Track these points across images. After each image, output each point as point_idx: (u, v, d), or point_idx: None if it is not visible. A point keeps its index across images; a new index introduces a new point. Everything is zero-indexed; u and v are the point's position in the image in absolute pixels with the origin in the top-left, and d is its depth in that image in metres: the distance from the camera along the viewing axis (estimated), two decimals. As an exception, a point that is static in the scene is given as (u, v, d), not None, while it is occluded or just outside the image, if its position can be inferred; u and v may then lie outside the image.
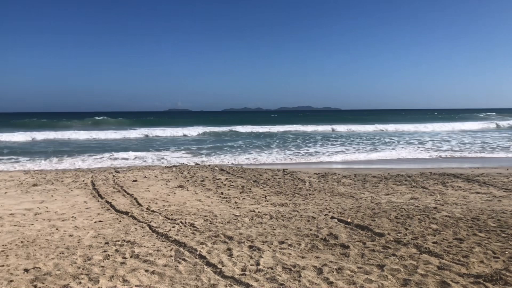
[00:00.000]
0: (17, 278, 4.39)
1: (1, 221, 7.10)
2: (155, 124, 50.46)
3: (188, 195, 9.39)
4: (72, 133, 31.96)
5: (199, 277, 4.38)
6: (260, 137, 31.24)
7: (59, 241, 5.82)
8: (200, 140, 28.54)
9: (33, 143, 26.76)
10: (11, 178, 12.11)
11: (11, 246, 5.62)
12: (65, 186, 10.68)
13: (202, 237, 5.91)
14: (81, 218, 7.24)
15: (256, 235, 5.98)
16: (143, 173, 12.90)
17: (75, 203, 8.57)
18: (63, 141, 27.87)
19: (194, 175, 12.23)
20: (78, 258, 5.04)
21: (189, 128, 38.07)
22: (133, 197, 9.06)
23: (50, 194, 9.61)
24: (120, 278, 4.34)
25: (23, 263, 4.91)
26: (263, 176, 11.90)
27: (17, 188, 10.44)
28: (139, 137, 31.50)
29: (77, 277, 4.39)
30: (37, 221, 7.11)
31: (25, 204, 8.55)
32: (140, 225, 6.68)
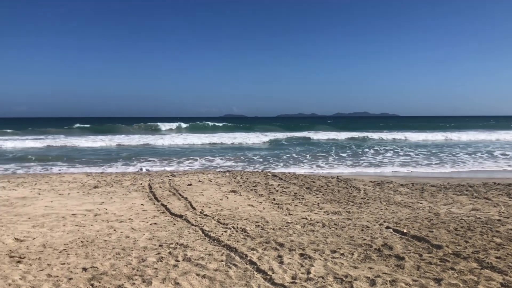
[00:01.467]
0: (76, 276, 4.58)
1: (64, 221, 7.47)
2: (221, 129, 51.87)
3: (240, 200, 9.44)
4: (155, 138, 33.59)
5: (249, 283, 4.37)
6: (318, 143, 30.85)
7: (116, 242, 6.03)
8: (256, 146, 28.71)
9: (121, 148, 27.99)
10: (74, 180, 12.73)
11: (71, 245, 5.88)
12: (124, 188, 11.08)
13: (253, 243, 5.91)
14: (137, 220, 7.47)
15: (307, 243, 5.90)
16: (198, 177, 13.14)
17: (133, 205, 8.86)
18: (151, 147, 28.96)
19: (246, 181, 12.30)
20: (133, 259, 5.19)
21: (248, 135, 38.56)
22: (187, 201, 9.24)
23: (109, 196, 10.01)
24: (172, 280, 4.42)
25: (82, 262, 5.12)
26: (316, 183, 11.76)
27: (79, 189, 10.95)
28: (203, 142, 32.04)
29: (131, 278, 4.51)
30: (96, 222, 7.41)
31: (86, 205, 8.95)
32: (193, 229, 6.78)
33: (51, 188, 11.09)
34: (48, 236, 6.42)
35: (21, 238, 6.29)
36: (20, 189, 10.98)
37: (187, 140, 31.55)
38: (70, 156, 21.42)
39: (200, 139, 31.89)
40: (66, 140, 31.85)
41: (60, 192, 10.56)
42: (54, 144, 28.77)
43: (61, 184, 11.87)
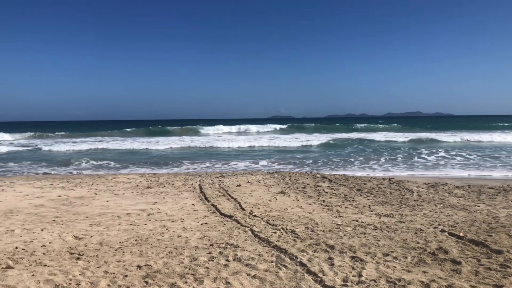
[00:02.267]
0: (131, 274, 4.74)
1: (119, 220, 7.74)
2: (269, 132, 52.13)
3: (289, 201, 9.42)
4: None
5: (299, 284, 4.35)
6: (369, 144, 30.19)
7: (169, 241, 6.18)
8: (304, 148, 28.55)
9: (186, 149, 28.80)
10: (129, 180, 13.17)
11: (126, 244, 6.09)
12: (176, 189, 11.35)
13: (303, 244, 5.87)
14: (189, 220, 7.62)
15: (358, 245, 5.80)
16: (246, 178, 13.23)
17: (184, 205, 9.05)
18: (210, 150, 29.62)
19: (295, 182, 12.26)
20: (185, 258, 5.29)
21: (296, 136, 38.42)
22: (236, 201, 9.33)
23: (162, 196, 10.28)
24: (223, 280, 4.47)
25: (136, 260, 5.28)
26: (367, 185, 11.54)
27: (133, 190, 11.32)
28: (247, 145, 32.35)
29: (183, 277, 4.61)
30: (149, 221, 7.63)
31: (140, 205, 9.23)
32: (243, 229, 6.84)
33: (107, 188, 11.53)
34: (104, 234, 6.67)
35: (80, 236, 6.57)
36: (78, 189, 11.49)
37: (238, 142, 31.80)
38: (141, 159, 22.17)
39: (249, 142, 32.08)
40: (123, 143, 33.01)
41: (115, 192, 10.96)
42: (110, 147, 29.87)
43: (116, 184, 12.32)
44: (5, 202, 9.69)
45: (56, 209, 8.89)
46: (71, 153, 26.02)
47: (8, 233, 6.79)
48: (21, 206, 9.25)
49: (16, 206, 9.19)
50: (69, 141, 37.14)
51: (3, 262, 5.22)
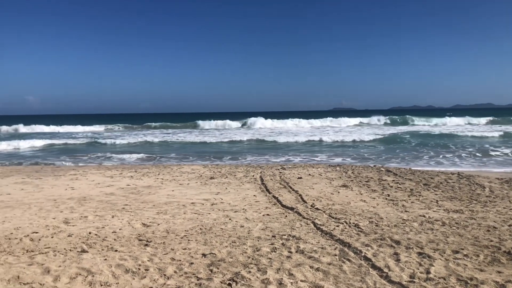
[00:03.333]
0: (197, 262, 4.86)
1: (184, 209, 7.96)
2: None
3: (352, 195, 9.25)
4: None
5: (364, 279, 4.27)
6: (436, 137, 29.00)
7: (232, 231, 6.27)
8: (367, 141, 27.92)
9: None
10: (192, 171, 13.53)
11: (191, 232, 6.25)
12: (237, 180, 11.50)
13: (367, 239, 5.75)
14: (251, 211, 7.70)
15: (426, 241, 5.59)
16: (308, 170, 13.15)
17: (246, 196, 9.15)
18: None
19: (358, 175, 12.02)
20: (248, 248, 5.35)
21: (358, 129, 37.63)
22: (298, 194, 9.30)
23: (224, 186, 10.46)
24: (286, 271, 4.48)
25: (201, 248, 5.41)
26: (435, 179, 11.08)
27: (197, 180, 11.60)
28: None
29: (247, 266, 4.66)
30: (213, 210, 7.79)
31: (203, 194, 9.45)
32: (305, 222, 6.80)
33: (172, 178, 11.91)
34: (170, 222, 6.90)
35: (148, 223, 6.84)
36: (146, 179, 11.95)
37: (297, 137, 31.67)
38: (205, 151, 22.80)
39: (307, 136, 31.83)
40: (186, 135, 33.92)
41: (180, 182, 11.30)
42: (170, 140, 30.80)
43: (181, 174, 12.69)
44: (79, 190, 10.28)
45: (125, 197, 9.30)
46: (142, 144, 27.14)
47: (82, 219, 7.19)
48: (93, 194, 9.77)
49: (88, 194, 9.72)
50: (139, 133, 38.74)
51: (78, 246, 5.54)
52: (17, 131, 46.71)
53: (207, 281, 4.24)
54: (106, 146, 26.21)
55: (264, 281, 4.21)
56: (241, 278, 4.29)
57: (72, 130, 47.96)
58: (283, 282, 4.19)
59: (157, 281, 4.29)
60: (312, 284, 4.15)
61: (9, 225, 6.76)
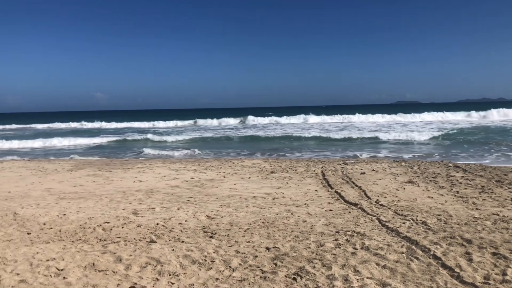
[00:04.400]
0: (261, 255, 4.90)
1: (246, 202, 8.06)
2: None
3: (418, 191, 8.93)
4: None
5: (434, 278, 4.11)
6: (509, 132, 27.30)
7: (294, 225, 6.26)
8: (432, 135, 26.84)
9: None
10: (253, 165, 13.65)
11: (254, 226, 6.31)
12: (298, 174, 11.47)
13: (435, 237, 5.53)
14: (313, 206, 7.65)
15: (501, 241, 5.28)
16: (371, 166, 12.85)
17: (307, 191, 9.10)
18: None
19: (424, 171, 11.58)
20: (312, 243, 5.32)
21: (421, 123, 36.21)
22: (361, 189, 9.12)
23: (285, 181, 10.46)
24: (351, 268, 4.41)
25: (264, 241, 5.45)
26: (508, 176, 10.45)
27: (258, 174, 11.69)
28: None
29: (311, 261, 4.64)
30: (275, 205, 7.81)
31: (265, 188, 9.51)
32: (369, 218, 6.66)
33: (234, 172, 12.08)
34: (233, 215, 7.00)
35: (212, 216, 6.98)
36: (209, 172, 12.21)
37: (360, 132, 31.03)
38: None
39: (371, 133, 31.09)
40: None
41: (241, 176, 11.44)
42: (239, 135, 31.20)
43: (242, 168, 12.84)
44: (146, 182, 10.69)
45: (189, 190, 9.56)
46: (206, 139, 27.79)
47: (149, 210, 7.48)
48: (159, 186, 10.12)
49: (155, 186, 10.08)
50: (212, 126, 39.63)
51: (147, 237, 5.77)
52: (99, 127, 49.00)
53: (272, 274, 4.27)
54: (167, 142, 26.96)
55: (329, 277, 4.17)
56: (305, 273, 4.28)
57: (137, 126, 49.88)
58: (349, 278, 4.13)
59: (222, 272, 4.37)
60: (379, 282, 4.06)
61: (83, 215, 7.16)
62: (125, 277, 4.30)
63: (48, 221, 6.77)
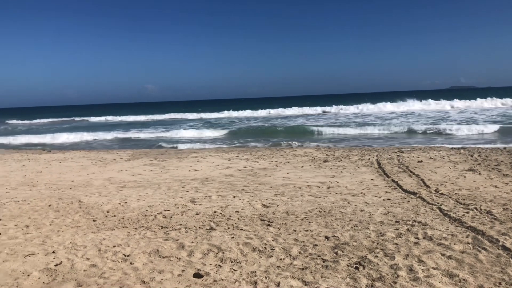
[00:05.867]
0: (320, 244, 4.88)
1: (301, 191, 8.03)
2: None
3: (480, 179, 8.56)
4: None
5: (505, 270, 3.93)
6: None
7: (352, 215, 6.18)
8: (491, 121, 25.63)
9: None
10: (305, 154, 13.57)
11: (311, 214, 6.29)
12: (352, 163, 11.29)
13: (503, 227, 5.28)
14: (369, 195, 7.51)
15: None
16: (428, 153, 12.45)
17: (363, 180, 8.95)
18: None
19: (486, 159, 11.08)
20: (372, 232, 5.23)
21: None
22: (419, 178, 8.86)
23: (339, 170, 10.34)
24: (415, 258, 4.30)
25: (323, 230, 5.41)
26: None
27: (311, 163, 11.62)
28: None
29: (372, 251, 4.56)
30: (330, 194, 7.74)
31: (318, 177, 9.44)
32: (430, 207, 6.46)
33: (286, 161, 12.07)
34: (289, 204, 7.00)
35: (267, 204, 7.02)
36: (261, 161, 12.27)
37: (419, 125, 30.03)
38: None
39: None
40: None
41: (294, 164, 11.41)
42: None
43: (294, 157, 12.81)
44: (200, 171, 10.90)
45: (243, 178, 9.65)
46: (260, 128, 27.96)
47: (206, 199, 7.62)
48: (214, 175, 10.29)
49: (210, 175, 10.26)
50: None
51: (206, 224, 5.89)
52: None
53: (333, 263, 4.24)
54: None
55: (392, 267, 4.09)
56: (368, 262, 4.22)
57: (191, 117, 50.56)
58: (414, 268, 4.03)
59: (283, 260, 4.39)
60: (445, 272, 3.93)
61: (144, 203, 7.40)
62: (188, 263, 4.41)
63: (111, 208, 7.05)
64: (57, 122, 55.09)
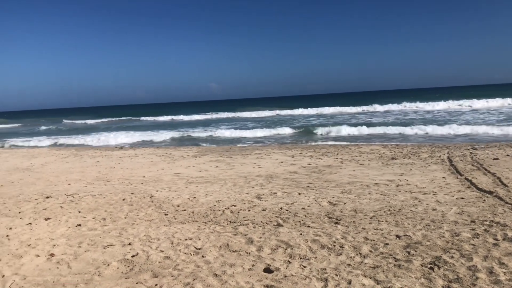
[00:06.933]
0: (391, 243, 4.76)
1: (368, 189, 7.87)
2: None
3: None
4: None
5: None
6: None
7: (423, 214, 5.97)
8: None
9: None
10: (372, 151, 13.27)
11: (380, 213, 6.14)
12: (422, 160, 10.89)
13: None
14: (441, 194, 7.21)
15: None
16: (505, 151, 11.74)
17: (434, 178, 8.61)
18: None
19: None
20: (445, 232, 5.03)
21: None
22: (495, 176, 8.37)
23: (408, 167, 10.01)
24: (495, 260, 4.08)
25: (393, 229, 5.27)
26: None
27: (377, 160, 11.34)
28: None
29: (447, 251, 4.38)
30: (399, 192, 7.52)
31: (386, 175, 9.19)
32: (509, 207, 6.09)
33: (352, 158, 11.87)
34: (356, 202, 6.88)
35: (334, 202, 6.94)
36: (325, 158, 12.16)
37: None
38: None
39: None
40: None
41: (360, 162, 11.19)
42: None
43: (360, 154, 12.56)
44: (265, 168, 10.98)
45: (308, 176, 9.61)
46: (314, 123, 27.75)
47: (272, 195, 7.66)
48: (278, 172, 10.33)
49: (274, 172, 10.31)
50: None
51: (273, 220, 5.93)
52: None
53: (406, 263, 4.12)
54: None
55: (470, 268, 3.90)
56: (443, 263, 4.06)
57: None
58: (494, 271, 3.82)
59: (353, 258, 4.33)
60: (530, 277, 3.70)
61: (211, 198, 7.58)
62: (258, 258, 4.47)
63: (181, 203, 7.29)
64: (120, 121, 55.65)
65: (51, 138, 28.20)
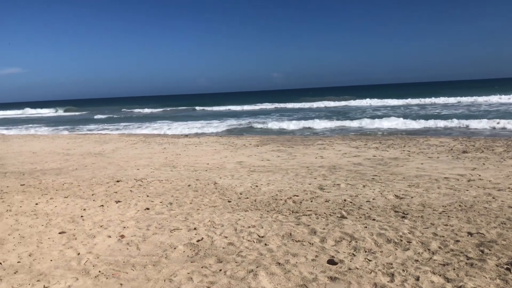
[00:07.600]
0: (463, 240, 4.52)
1: (437, 183, 7.53)
2: None
3: None
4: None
5: None
6: None
7: (498, 211, 5.62)
8: None
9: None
10: (441, 144, 12.69)
11: (450, 208, 5.85)
12: (497, 155, 10.26)
13: None
14: (520, 190, 6.76)
15: None
16: None
17: (510, 174, 8.08)
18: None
19: None
20: (524, 232, 4.70)
21: None
22: None
23: (481, 162, 9.47)
24: None
25: (465, 226, 5.01)
26: None
27: (447, 153, 10.83)
28: None
29: (526, 252, 4.10)
30: (471, 187, 7.13)
31: (457, 169, 8.75)
32: None
33: (420, 151, 11.41)
34: (424, 196, 6.61)
35: (400, 195, 6.71)
36: (391, 150, 11.78)
37: None
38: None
39: None
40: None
41: (429, 155, 10.74)
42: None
43: (429, 147, 12.05)
44: (327, 159, 10.83)
45: (373, 168, 9.36)
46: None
47: (335, 186, 7.54)
48: (341, 163, 10.14)
49: (337, 163, 10.13)
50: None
51: (337, 212, 5.83)
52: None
53: (480, 262, 3.89)
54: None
55: (553, 272, 3.62)
56: (521, 265, 3.80)
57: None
58: None
59: (421, 254, 4.16)
60: None
61: (273, 187, 7.58)
62: (321, 249, 4.41)
63: (244, 191, 7.36)
64: (184, 110, 55.92)
65: (117, 125, 29.74)
